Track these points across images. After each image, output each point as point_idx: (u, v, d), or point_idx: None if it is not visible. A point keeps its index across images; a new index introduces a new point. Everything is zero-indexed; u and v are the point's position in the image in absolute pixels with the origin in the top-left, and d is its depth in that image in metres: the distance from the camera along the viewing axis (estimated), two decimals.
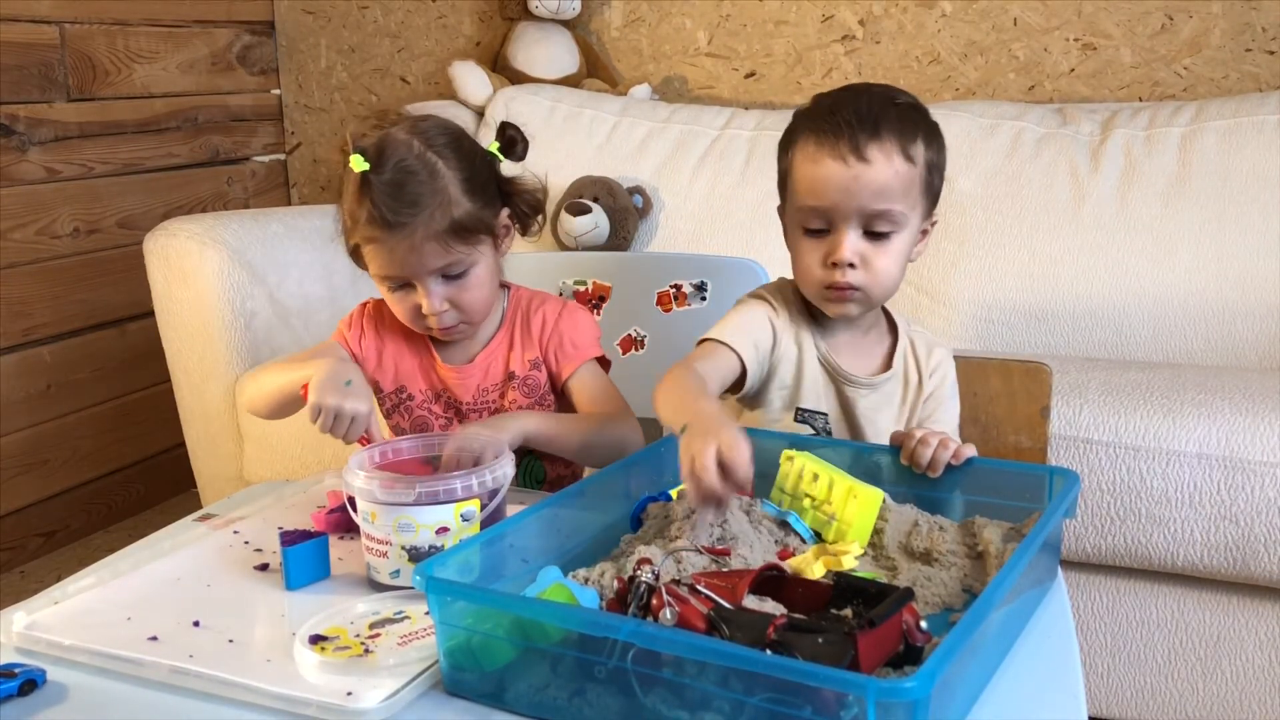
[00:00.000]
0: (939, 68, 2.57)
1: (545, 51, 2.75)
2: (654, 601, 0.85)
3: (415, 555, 1.06)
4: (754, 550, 1.04)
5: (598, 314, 1.68)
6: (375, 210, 1.26)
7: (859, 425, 1.28)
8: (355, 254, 1.35)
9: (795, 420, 1.27)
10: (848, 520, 1.08)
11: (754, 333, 1.25)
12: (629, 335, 1.67)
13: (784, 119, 2.42)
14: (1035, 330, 2.14)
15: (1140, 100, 2.42)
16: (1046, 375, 1.37)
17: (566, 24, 2.78)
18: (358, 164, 1.27)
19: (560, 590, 0.90)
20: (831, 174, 1.17)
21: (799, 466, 1.14)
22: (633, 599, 0.87)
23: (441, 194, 1.28)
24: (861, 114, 1.18)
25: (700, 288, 1.65)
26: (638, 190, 2.41)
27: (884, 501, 1.12)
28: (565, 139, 2.53)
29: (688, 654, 0.78)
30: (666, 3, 2.76)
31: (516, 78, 2.74)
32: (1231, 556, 1.57)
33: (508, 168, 1.39)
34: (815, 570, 0.98)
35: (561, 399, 1.42)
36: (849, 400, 1.28)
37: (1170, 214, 2.11)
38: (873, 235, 1.20)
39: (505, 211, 1.37)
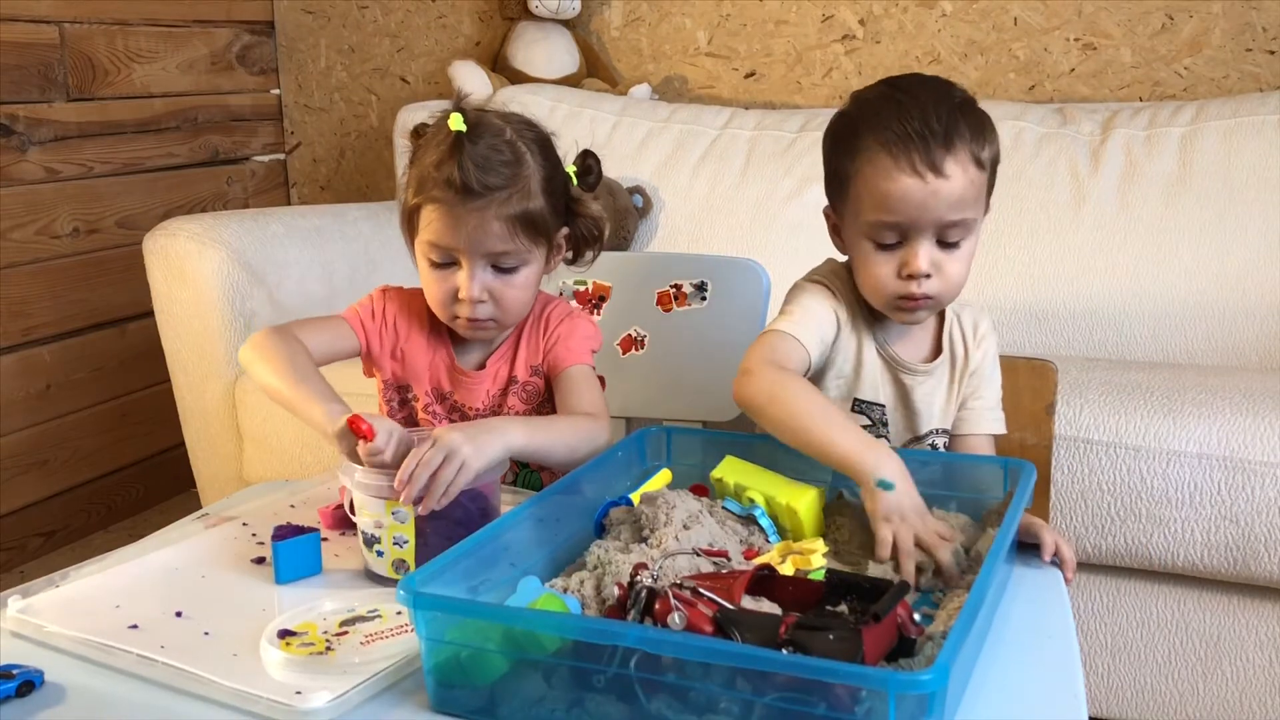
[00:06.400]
0: (939, 68, 2.56)
1: (545, 51, 2.75)
2: (658, 606, 0.85)
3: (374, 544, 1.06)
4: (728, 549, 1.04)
5: (597, 314, 1.68)
6: (460, 173, 1.25)
7: (915, 412, 1.28)
8: (410, 216, 1.33)
9: (852, 410, 1.26)
10: (795, 531, 1.09)
11: (821, 326, 1.23)
12: (629, 335, 1.67)
13: (784, 119, 2.47)
14: (1035, 330, 2.14)
15: (1140, 100, 2.42)
16: (1052, 373, 1.37)
17: (566, 24, 2.78)
18: (456, 123, 1.27)
19: (552, 600, 0.89)
20: (908, 190, 1.13)
21: (731, 487, 1.13)
22: (633, 604, 0.86)
23: (523, 182, 1.29)
24: (931, 123, 1.14)
25: (700, 288, 1.65)
26: (638, 190, 2.41)
27: (841, 497, 1.12)
28: (565, 139, 2.52)
29: (703, 658, 0.78)
30: (666, 3, 2.76)
31: (516, 78, 2.74)
32: (1231, 556, 1.57)
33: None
34: (787, 571, 0.98)
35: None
36: (906, 388, 1.27)
37: (1170, 214, 2.10)
38: (945, 244, 1.18)
39: (565, 231, 1.38)
